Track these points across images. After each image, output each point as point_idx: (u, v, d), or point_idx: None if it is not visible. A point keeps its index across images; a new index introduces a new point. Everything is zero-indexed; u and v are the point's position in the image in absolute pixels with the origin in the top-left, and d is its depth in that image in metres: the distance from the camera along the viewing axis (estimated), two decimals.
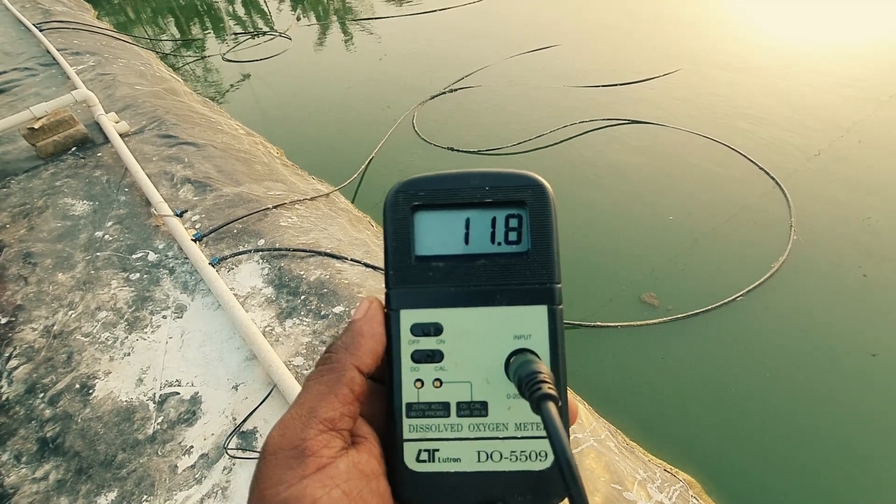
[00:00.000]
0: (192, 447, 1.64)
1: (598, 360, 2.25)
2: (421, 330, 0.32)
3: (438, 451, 0.31)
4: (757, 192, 3.06)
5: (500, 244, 0.33)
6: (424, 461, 0.31)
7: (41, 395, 1.86)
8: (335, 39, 6.60)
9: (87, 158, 3.30)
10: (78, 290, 2.30)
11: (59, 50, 4.97)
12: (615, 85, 4.35)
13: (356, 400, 0.30)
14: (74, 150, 3.39)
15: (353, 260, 2.36)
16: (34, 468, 1.64)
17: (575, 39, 5.40)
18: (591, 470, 1.59)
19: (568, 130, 3.81)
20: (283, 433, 0.28)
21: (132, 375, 1.90)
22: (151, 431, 1.71)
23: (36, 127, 3.23)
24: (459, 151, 3.73)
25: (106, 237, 2.60)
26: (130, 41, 6.33)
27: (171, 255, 2.44)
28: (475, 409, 0.31)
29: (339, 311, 2.05)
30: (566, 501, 0.25)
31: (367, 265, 2.36)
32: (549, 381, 0.27)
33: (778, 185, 3.06)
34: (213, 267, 2.24)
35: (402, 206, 0.33)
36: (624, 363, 2.24)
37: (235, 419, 1.70)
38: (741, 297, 2.42)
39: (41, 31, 5.57)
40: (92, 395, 1.84)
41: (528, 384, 0.27)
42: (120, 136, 3.33)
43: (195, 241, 2.43)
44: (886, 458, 1.85)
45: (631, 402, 2.09)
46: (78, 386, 1.88)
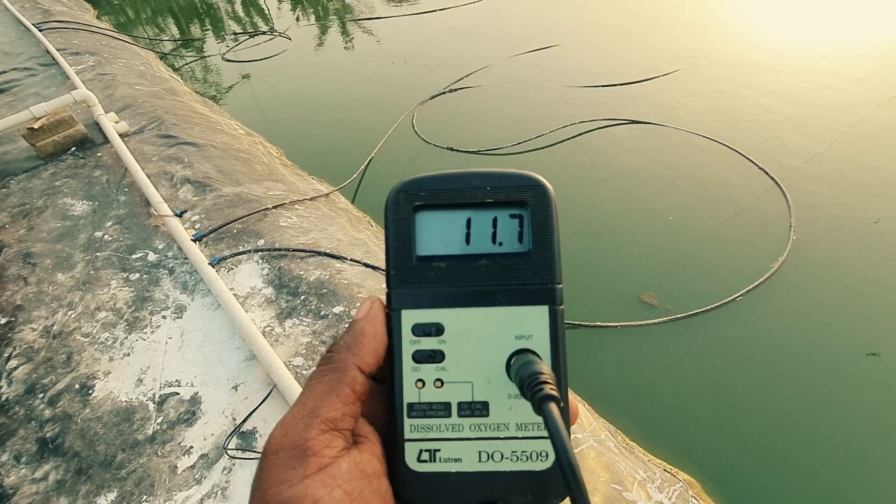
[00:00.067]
0: (191, 447, 1.64)
1: (597, 360, 2.25)
2: (422, 330, 0.32)
3: (440, 451, 0.31)
4: (757, 192, 3.06)
5: (501, 244, 0.33)
6: (425, 461, 0.31)
7: (41, 395, 1.86)
8: (335, 39, 6.60)
9: (86, 158, 3.30)
10: (77, 290, 2.29)
11: (58, 50, 4.96)
12: (615, 85, 4.36)
13: (358, 400, 0.30)
14: (74, 150, 3.39)
15: (352, 260, 2.36)
16: (34, 468, 1.64)
17: (575, 39, 5.40)
18: (590, 470, 1.59)
19: (568, 130, 3.81)
20: (284, 433, 0.28)
21: (132, 376, 1.90)
22: (151, 432, 1.70)
23: (35, 127, 3.22)
24: (459, 151, 3.73)
25: (105, 237, 2.60)
26: (130, 41, 6.32)
27: (170, 255, 2.44)
28: (476, 409, 0.31)
29: (338, 311, 2.05)
30: (567, 501, 0.25)
31: (366, 265, 2.36)
32: (550, 381, 0.27)
33: (777, 185, 3.06)
34: (212, 267, 2.24)
35: (403, 205, 0.33)
36: (624, 363, 2.24)
37: (235, 419, 1.70)
38: (741, 297, 2.42)
39: (41, 30, 5.57)
40: (91, 395, 1.84)
41: (529, 385, 0.27)
42: (119, 136, 3.33)
43: (195, 241, 2.43)
44: (887, 458, 1.85)
45: (631, 402, 2.09)
46: (77, 386, 1.88)
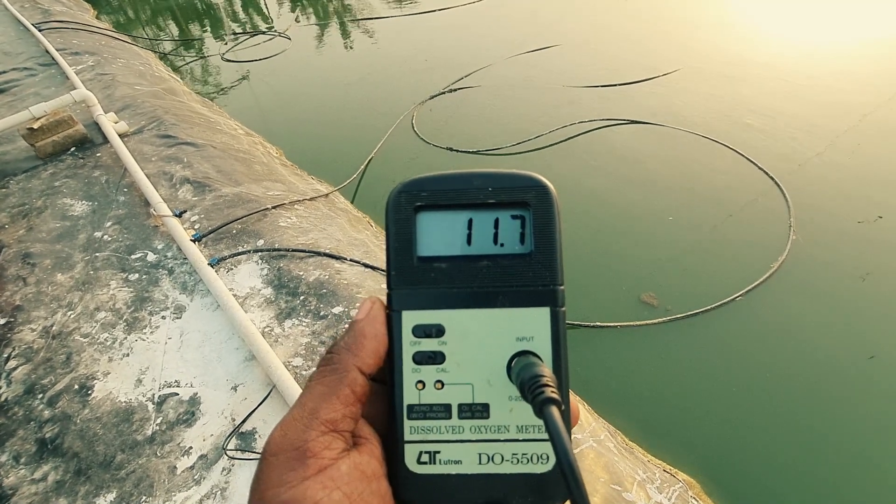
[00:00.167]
0: (191, 448, 1.64)
1: (597, 360, 2.25)
2: (423, 331, 0.32)
3: (439, 452, 0.31)
4: (756, 192, 3.06)
5: (502, 245, 0.32)
6: (425, 463, 0.31)
7: (40, 395, 1.86)
8: (335, 39, 6.60)
9: (86, 159, 3.29)
10: (77, 290, 2.29)
11: (58, 50, 4.96)
12: (615, 85, 4.36)
13: (358, 401, 0.30)
14: (73, 150, 3.39)
15: (352, 260, 2.36)
16: (33, 469, 1.64)
17: (575, 39, 5.40)
18: (590, 471, 1.59)
19: (567, 130, 3.81)
20: (284, 434, 0.28)
21: (131, 376, 1.90)
22: (150, 432, 1.70)
23: (35, 127, 3.22)
24: (459, 151, 3.73)
25: (105, 237, 2.59)
26: (130, 41, 6.32)
27: (170, 255, 2.44)
28: (477, 411, 0.31)
29: (338, 311, 2.04)
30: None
31: (366, 265, 2.36)
32: (551, 384, 0.27)
33: (777, 185, 3.06)
34: (212, 267, 2.24)
35: (404, 206, 0.33)
36: (623, 363, 2.24)
37: (234, 420, 1.70)
38: (740, 297, 2.42)
39: (40, 30, 5.56)
40: (91, 395, 1.84)
41: (530, 387, 0.27)
42: (119, 136, 3.33)
43: (194, 241, 2.42)
44: (887, 458, 1.85)
45: (630, 402, 2.09)
46: (77, 387, 1.87)
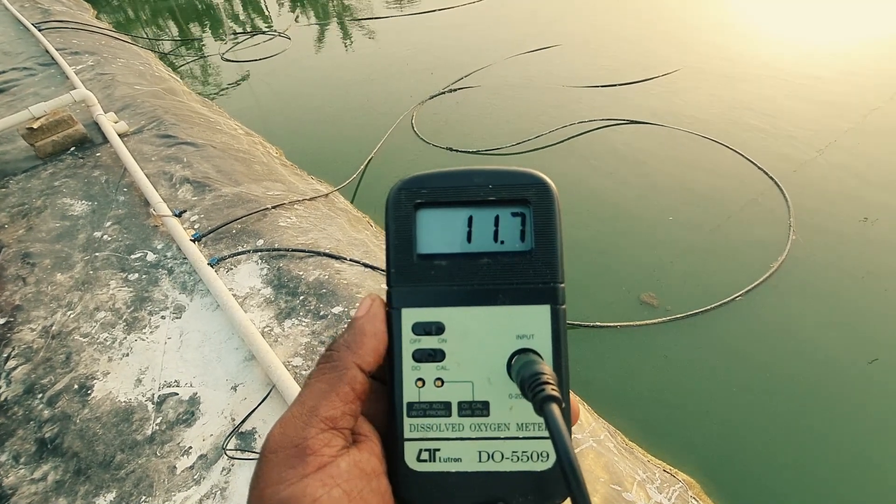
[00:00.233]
0: (190, 448, 1.64)
1: (597, 360, 2.25)
2: (422, 329, 0.32)
3: (439, 450, 0.31)
4: (756, 192, 3.06)
5: (503, 243, 0.32)
6: (425, 461, 0.31)
7: (40, 395, 1.86)
8: (334, 39, 6.60)
9: (85, 158, 3.29)
10: (76, 290, 2.29)
11: (58, 49, 4.96)
12: (615, 85, 4.36)
13: (357, 398, 0.30)
14: (73, 150, 3.39)
15: (352, 260, 2.36)
16: (32, 469, 1.64)
17: (575, 39, 5.40)
18: (590, 471, 1.59)
19: (567, 130, 3.81)
20: (283, 431, 0.28)
21: (131, 376, 1.89)
22: (150, 432, 1.70)
23: (35, 127, 3.22)
24: (458, 151, 3.73)
25: (105, 237, 2.59)
26: (129, 41, 6.32)
27: (169, 255, 2.43)
28: (476, 408, 0.31)
29: (337, 311, 2.04)
30: (568, 502, 0.24)
31: (366, 265, 2.35)
32: (552, 382, 0.27)
33: (777, 185, 3.07)
34: (211, 267, 2.24)
35: (404, 203, 0.33)
36: (623, 363, 2.24)
37: (234, 420, 1.70)
38: (740, 297, 2.42)
39: (40, 30, 5.56)
40: (90, 395, 1.84)
41: (531, 385, 0.27)
42: (119, 135, 3.33)
43: (194, 241, 2.42)
44: (887, 458, 1.85)
45: (630, 402, 2.09)
46: (76, 386, 1.87)
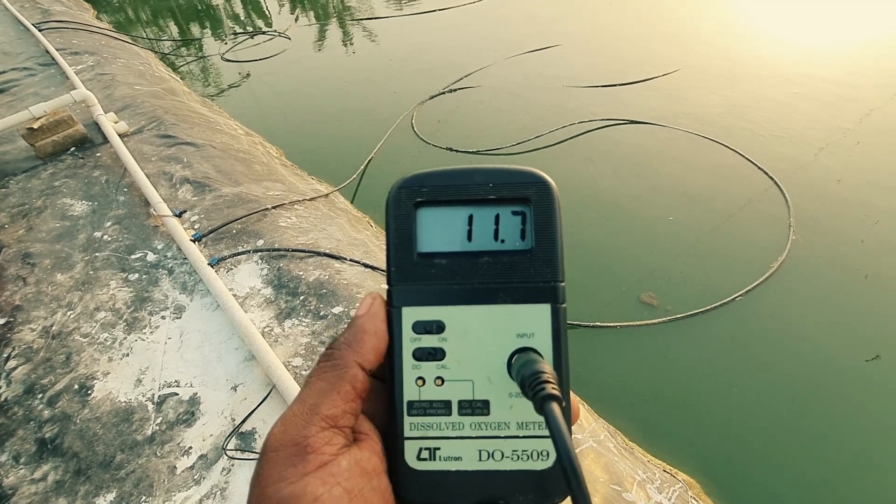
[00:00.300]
0: (190, 448, 1.64)
1: (597, 360, 2.25)
2: (423, 327, 0.32)
3: (439, 449, 0.31)
4: (756, 191, 3.06)
5: (503, 241, 0.32)
6: (425, 459, 0.31)
7: (40, 395, 1.86)
8: (334, 39, 6.60)
9: (85, 158, 3.29)
10: (77, 290, 2.29)
11: (58, 50, 4.96)
12: (615, 85, 4.36)
13: (358, 397, 0.30)
14: (73, 150, 3.39)
15: (352, 260, 2.36)
16: (33, 469, 1.64)
17: (575, 39, 5.40)
18: (590, 471, 1.59)
19: (567, 130, 3.81)
20: (284, 430, 0.28)
21: (131, 376, 1.89)
22: (150, 432, 1.70)
23: (35, 127, 3.22)
24: (458, 151, 3.73)
25: (105, 237, 2.59)
26: (129, 41, 6.32)
27: (169, 255, 2.43)
28: (477, 407, 0.31)
29: (338, 311, 2.04)
30: (568, 501, 0.24)
31: (366, 265, 2.35)
32: (552, 381, 0.27)
33: (777, 185, 3.07)
34: (211, 267, 2.24)
35: (404, 202, 0.33)
36: (623, 363, 2.24)
37: (234, 420, 1.70)
38: (740, 297, 2.42)
39: (40, 30, 5.56)
40: (91, 395, 1.84)
41: (531, 384, 0.27)
42: (119, 136, 3.33)
43: (194, 241, 2.42)
44: (887, 458, 1.85)
45: (630, 402, 2.09)
46: (77, 386, 1.87)
